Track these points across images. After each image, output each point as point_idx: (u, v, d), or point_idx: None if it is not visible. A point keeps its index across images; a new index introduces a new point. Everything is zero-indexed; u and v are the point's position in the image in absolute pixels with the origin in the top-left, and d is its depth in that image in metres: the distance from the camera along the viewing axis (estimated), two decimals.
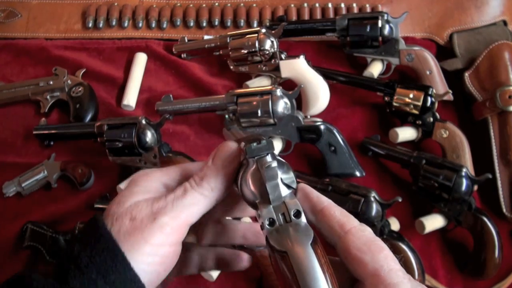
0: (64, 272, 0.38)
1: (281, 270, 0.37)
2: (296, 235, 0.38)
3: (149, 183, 0.44)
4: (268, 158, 0.41)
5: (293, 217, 0.39)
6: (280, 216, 0.39)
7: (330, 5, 1.07)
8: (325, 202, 0.41)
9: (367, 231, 0.38)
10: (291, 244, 0.37)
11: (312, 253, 0.36)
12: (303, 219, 0.39)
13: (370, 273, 0.36)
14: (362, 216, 0.77)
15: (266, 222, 0.39)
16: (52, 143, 0.94)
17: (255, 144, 0.40)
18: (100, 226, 0.40)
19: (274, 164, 0.40)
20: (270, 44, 0.93)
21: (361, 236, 0.37)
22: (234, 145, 0.44)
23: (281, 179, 0.41)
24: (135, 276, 0.38)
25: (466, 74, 0.97)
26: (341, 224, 0.39)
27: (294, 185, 0.41)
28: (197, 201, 0.41)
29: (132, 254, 0.38)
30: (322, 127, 0.88)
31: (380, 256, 0.36)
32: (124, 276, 0.37)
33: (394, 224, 0.85)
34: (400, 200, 0.79)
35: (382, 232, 0.78)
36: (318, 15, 1.07)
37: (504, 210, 0.89)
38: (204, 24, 1.07)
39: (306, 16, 1.07)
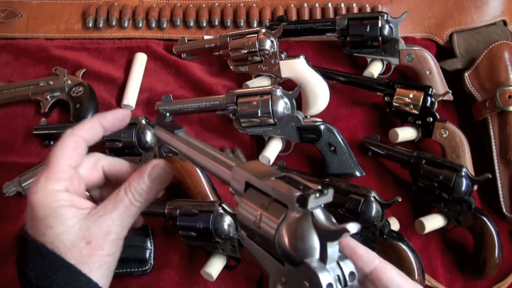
0: None
1: None
2: None
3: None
4: (320, 210, 0.36)
5: (348, 280, 0.35)
6: (335, 280, 0.35)
7: (330, 5, 1.07)
8: (376, 259, 0.39)
9: None
10: None
11: None
12: (356, 281, 0.36)
13: None
14: (362, 216, 0.77)
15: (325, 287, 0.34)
16: (52, 143, 0.94)
17: (318, 194, 0.35)
18: (57, 257, 0.45)
19: (332, 219, 0.35)
20: (270, 44, 0.93)
21: None
22: (168, 167, 0.51)
23: None
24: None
25: (466, 74, 0.97)
26: (400, 285, 0.38)
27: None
28: (136, 214, 0.50)
29: (99, 268, 0.46)
30: (322, 127, 0.88)
31: None
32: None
33: (394, 224, 0.85)
34: (400, 200, 0.79)
35: (382, 232, 0.78)
36: (318, 15, 1.07)
37: (504, 210, 0.89)
38: (204, 24, 1.07)
39: (306, 16, 1.07)
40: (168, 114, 0.58)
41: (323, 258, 0.35)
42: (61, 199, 0.46)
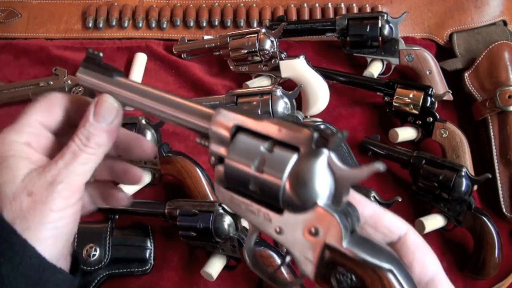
0: None
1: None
2: (378, 246, 0.35)
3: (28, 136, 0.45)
4: (333, 153, 0.35)
5: (356, 223, 0.35)
6: (348, 223, 0.34)
7: (330, 5, 1.07)
8: (372, 204, 0.40)
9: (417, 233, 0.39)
10: (390, 256, 0.34)
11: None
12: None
13: (432, 274, 0.38)
14: None
15: (345, 232, 0.34)
16: None
17: (339, 134, 0.34)
18: None
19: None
20: (270, 44, 0.93)
21: (418, 238, 0.39)
22: (114, 101, 0.45)
23: None
24: (23, 241, 0.40)
25: (466, 74, 0.97)
26: (399, 227, 0.39)
27: None
28: (88, 161, 0.43)
29: (40, 225, 0.40)
30: (322, 127, 0.88)
31: (435, 260, 0.39)
32: (13, 244, 0.39)
33: None
34: (400, 200, 0.79)
35: None
36: (318, 15, 1.07)
37: (504, 210, 0.89)
38: (204, 24, 1.07)
39: (306, 16, 1.07)
40: (101, 54, 0.47)
41: (336, 201, 0.34)
42: (17, 149, 0.43)
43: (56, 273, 0.42)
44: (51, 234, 0.41)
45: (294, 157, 0.35)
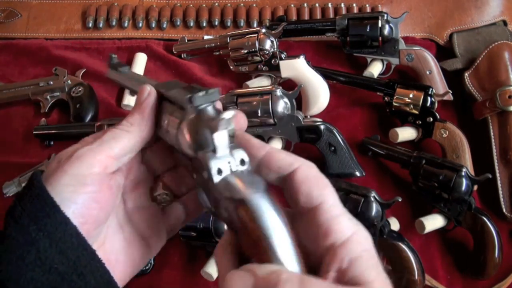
0: (4, 225, 0.40)
1: (237, 219, 0.36)
2: (248, 182, 0.38)
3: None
4: (212, 109, 0.41)
5: (239, 165, 0.39)
6: (227, 165, 0.39)
7: (330, 5, 1.07)
8: (267, 146, 0.42)
9: (314, 168, 0.41)
10: (246, 190, 0.37)
11: (269, 199, 0.37)
12: (248, 167, 0.39)
13: (315, 205, 0.38)
14: (362, 216, 0.77)
15: (214, 171, 0.38)
16: (52, 143, 0.94)
17: (204, 93, 0.40)
18: (33, 177, 0.42)
19: (223, 113, 0.40)
20: (270, 44, 0.93)
21: (309, 172, 0.40)
22: (149, 87, 0.47)
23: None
24: (65, 218, 0.40)
25: (466, 74, 0.97)
26: (289, 163, 0.40)
27: (233, 133, 0.41)
28: (118, 135, 0.44)
29: (54, 188, 0.40)
30: (322, 127, 0.88)
31: (325, 192, 0.39)
32: (54, 219, 0.39)
33: (394, 224, 0.85)
34: (400, 200, 0.79)
35: (382, 232, 0.78)
36: (318, 15, 1.07)
37: (504, 210, 0.89)
38: (204, 24, 1.07)
39: (306, 16, 1.07)
40: (115, 55, 0.57)
41: (214, 149, 0.39)
42: (85, 141, 0.46)
43: (93, 260, 0.41)
44: (69, 199, 0.41)
45: (181, 116, 0.42)
